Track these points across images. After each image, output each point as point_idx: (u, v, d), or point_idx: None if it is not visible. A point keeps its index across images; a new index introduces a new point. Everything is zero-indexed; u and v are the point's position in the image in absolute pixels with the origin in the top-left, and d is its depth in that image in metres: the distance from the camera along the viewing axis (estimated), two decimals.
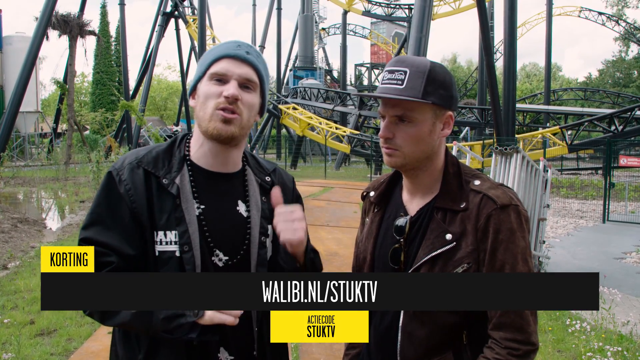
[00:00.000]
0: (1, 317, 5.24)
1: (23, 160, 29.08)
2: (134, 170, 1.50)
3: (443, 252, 1.44)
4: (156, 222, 1.48)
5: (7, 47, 29.74)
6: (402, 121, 1.46)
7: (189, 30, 32.95)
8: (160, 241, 1.48)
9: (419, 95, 1.42)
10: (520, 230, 1.42)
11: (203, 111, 1.52)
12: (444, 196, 1.50)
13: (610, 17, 46.34)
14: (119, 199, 1.48)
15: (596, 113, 27.72)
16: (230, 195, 1.61)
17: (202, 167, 1.58)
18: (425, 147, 1.48)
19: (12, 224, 10.76)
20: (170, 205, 1.49)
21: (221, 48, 1.55)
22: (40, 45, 20.20)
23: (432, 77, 1.43)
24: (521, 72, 71.97)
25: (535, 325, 1.41)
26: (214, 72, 1.51)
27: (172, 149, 1.59)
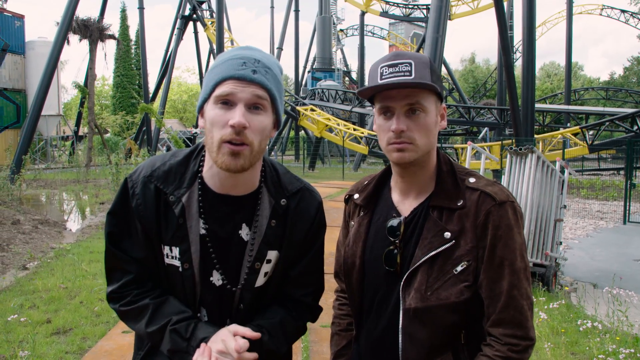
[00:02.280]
0: (18, 315, 5.34)
1: (45, 163, 29.51)
2: (146, 185, 1.51)
3: (442, 251, 1.43)
4: (162, 237, 1.51)
5: (30, 52, 30.19)
6: (414, 112, 1.46)
7: (207, 33, 33.18)
8: (167, 255, 1.52)
9: (428, 82, 1.43)
10: (517, 227, 1.43)
11: (210, 139, 1.42)
12: (440, 194, 1.49)
13: (634, 15, 45.59)
14: (130, 212, 1.53)
15: (618, 113, 27.26)
16: (235, 219, 1.54)
17: (210, 188, 1.53)
18: (433, 139, 1.50)
19: (33, 225, 10.95)
20: (175, 222, 1.50)
21: (225, 66, 1.42)
22: (61, 49, 20.49)
23: (433, 69, 1.47)
24: (541, 71, 71.16)
25: (532, 320, 1.43)
26: (218, 94, 1.39)
27: (188, 162, 1.55)
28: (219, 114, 1.39)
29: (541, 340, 4.99)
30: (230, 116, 1.37)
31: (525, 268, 1.43)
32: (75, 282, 6.69)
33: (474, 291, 1.44)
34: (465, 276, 1.42)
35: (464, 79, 67.64)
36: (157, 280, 1.57)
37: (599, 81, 66.59)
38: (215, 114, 1.40)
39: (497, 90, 35.74)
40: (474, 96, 54.35)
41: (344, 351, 1.78)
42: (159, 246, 1.52)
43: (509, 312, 1.39)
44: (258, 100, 1.40)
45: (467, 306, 1.44)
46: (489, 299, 1.42)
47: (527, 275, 1.43)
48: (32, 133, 19.79)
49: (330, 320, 1.86)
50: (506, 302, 1.39)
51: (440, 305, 1.42)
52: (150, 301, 1.52)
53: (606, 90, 45.27)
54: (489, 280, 1.41)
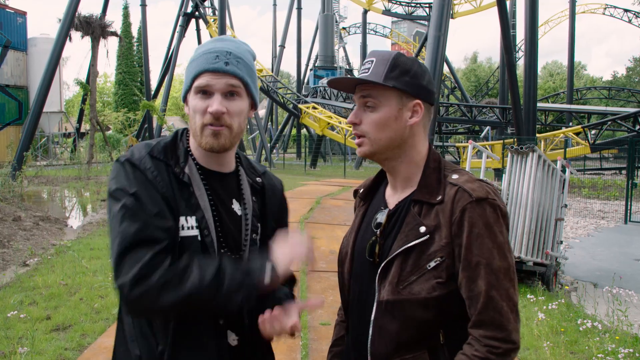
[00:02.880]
0: (18, 312, 5.35)
1: (47, 160, 29.57)
2: (153, 160, 1.53)
3: (417, 245, 1.43)
4: (178, 209, 1.51)
5: (32, 48, 30.21)
6: (368, 107, 1.51)
7: (209, 30, 33.16)
8: (182, 226, 1.51)
9: (380, 80, 1.47)
10: (497, 225, 1.40)
11: (194, 125, 1.57)
12: (422, 189, 1.50)
13: (637, 14, 45.47)
14: (149, 184, 1.48)
15: (620, 112, 27.24)
16: (227, 194, 1.65)
17: (200, 165, 1.62)
18: (392, 134, 1.50)
19: (34, 221, 10.96)
20: (186, 192, 1.54)
21: (201, 60, 1.57)
22: (63, 46, 20.51)
23: (395, 64, 1.48)
24: (543, 70, 71.06)
25: (516, 323, 1.39)
26: (196, 85, 1.55)
27: (176, 141, 1.63)
28: (200, 102, 1.55)
29: (540, 339, 4.99)
30: (209, 103, 1.54)
31: (508, 268, 1.39)
32: (76, 279, 6.70)
33: (451, 290, 1.42)
34: (438, 272, 1.41)
35: (466, 78, 67.57)
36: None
37: (602, 81, 66.47)
38: (197, 103, 1.56)
39: (499, 89, 35.73)
40: (476, 95, 54.29)
41: (341, 341, 1.80)
42: (176, 218, 1.51)
43: (488, 313, 1.36)
44: (232, 88, 1.56)
45: (440, 304, 1.41)
46: (468, 300, 1.40)
47: (510, 275, 1.40)
48: (33, 130, 19.82)
49: (329, 318, 1.88)
50: (485, 304, 1.37)
51: (411, 299, 1.41)
52: (188, 259, 1.44)
53: (608, 89, 45.20)
54: (466, 280, 1.39)
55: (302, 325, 5.23)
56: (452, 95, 45.98)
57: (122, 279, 1.38)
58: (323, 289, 6.44)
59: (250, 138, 45.20)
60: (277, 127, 45.82)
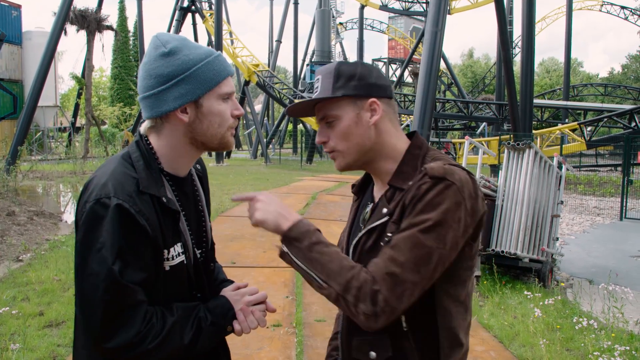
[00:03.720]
0: (10, 308, 5.30)
1: (42, 154, 29.44)
2: (141, 197, 1.43)
3: (378, 226, 1.44)
4: (166, 241, 1.48)
5: (27, 42, 30.02)
6: (329, 123, 1.51)
7: (205, 25, 33.08)
8: (172, 257, 1.51)
9: (329, 93, 1.47)
10: (446, 209, 1.31)
11: (215, 130, 1.55)
12: (396, 175, 1.48)
13: (634, 11, 45.51)
14: (139, 232, 1.40)
15: (616, 109, 27.28)
16: (192, 195, 1.68)
17: (174, 175, 1.59)
18: (358, 139, 1.49)
19: (29, 216, 10.89)
20: (172, 221, 1.51)
21: (219, 65, 1.55)
22: (58, 40, 20.38)
23: (338, 74, 1.48)
24: (540, 67, 71.12)
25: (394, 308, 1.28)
26: (226, 92, 1.55)
27: (147, 162, 1.53)
28: (227, 107, 1.57)
29: (536, 336, 4.98)
30: (233, 107, 1.59)
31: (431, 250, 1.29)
32: (69, 275, 6.65)
33: None
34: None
35: (462, 74, 67.57)
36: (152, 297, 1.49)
37: (598, 78, 66.57)
38: (225, 108, 1.56)
39: (496, 85, 35.71)
40: (473, 91, 54.30)
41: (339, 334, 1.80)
42: (161, 255, 1.48)
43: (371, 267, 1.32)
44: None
45: None
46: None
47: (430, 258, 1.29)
48: (28, 124, 19.72)
49: (324, 315, 1.87)
50: (377, 259, 1.32)
51: None
52: (172, 318, 1.48)
53: (605, 86, 45.26)
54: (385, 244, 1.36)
55: (297, 321, 5.22)
56: (449, 91, 45.98)
57: (112, 343, 1.37)
58: None
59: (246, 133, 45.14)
60: (273, 123, 45.74)
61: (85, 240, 1.39)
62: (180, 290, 1.56)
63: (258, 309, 1.63)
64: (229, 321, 1.58)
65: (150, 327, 1.41)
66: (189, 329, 1.49)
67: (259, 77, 30.54)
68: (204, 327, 1.52)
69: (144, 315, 1.41)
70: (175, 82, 1.48)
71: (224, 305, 1.60)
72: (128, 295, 1.37)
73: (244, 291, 1.67)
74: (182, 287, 1.56)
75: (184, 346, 1.47)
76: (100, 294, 1.35)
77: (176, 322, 1.48)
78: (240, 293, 1.66)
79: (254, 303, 1.64)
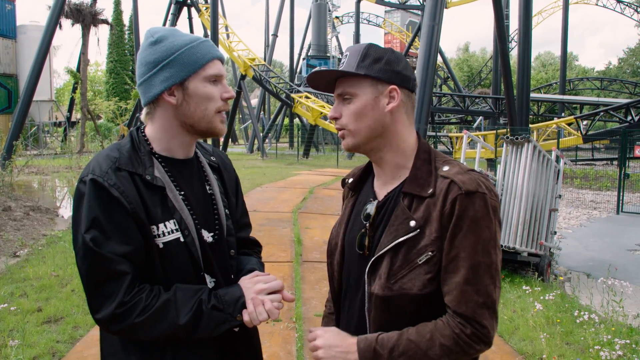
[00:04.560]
0: (8, 304, 5.27)
1: (37, 149, 29.30)
2: (118, 173, 1.50)
3: (407, 240, 1.41)
4: (153, 217, 1.51)
5: (22, 36, 29.85)
6: (345, 99, 1.51)
7: (201, 18, 32.90)
8: (163, 233, 1.52)
9: (352, 69, 1.47)
10: (485, 220, 1.37)
11: (201, 112, 1.58)
12: (412, 182, 1.46)
13: (629, 5, 45.51)
14: (114, 203, 1.46)
15: (612, 103, 27.33)
16: (196, 177, 1.69)
17: (168, 157, 1.63)
18: (371, 122, 1.48)
19: (25, 212, 10.85)
20: (159, 198, 1.55)
21: (205, 48, 1.60)
22: (53, 34, 20.25)
23: (366, 53, 1.48)
24: (536, 61, 71.11)
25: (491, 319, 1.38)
26: (212, 74, 1.58)
27: (135, 146, 1.60)
28: (214, 89, 1.59)
29: (536, 330, 4.99)
30: (223, 90, 1.61)
31: (490, 265, 1.37)
32: (67, 270, 6.62)
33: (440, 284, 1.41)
34: (429, 267, 1.38)
35: (459, 68, 67.51)
36: (150, 276, 1.53)
37: (594, 71, 66.64)
38: (211, 90, 1.59)
39: (492, 79, 35.72)
40: (469, 85, 54.27)
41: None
42: (149, 230, 1.51)
43: (461, 307, 1.35)
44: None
45: (432, 300, 1.40)
46: (446, 294, 1.38)
47: (490, 272, 1.37)
48: (23, 118, 19.61)
49: (323, 309, 1.85)
50: (459, 297, 1.35)
51: (402, 295, 1.39)
52: (166, 295, 1.50)
53: (601, 80, 45.30)
54: (444, 271, 1.37)
55: (297, 316, 5.21)
56: (445, 85, 45.94)
57: (99, 314, 1.44)
58: (317, 280, 6.41)
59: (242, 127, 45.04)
60: (269, 117, 45.64)
61: (73, 217, 1.49)
62: (182, 270, 1.57)
63: (270, 299, 1.57)
64: (238, 310, 1.55)
65: (137, 300, 1.44)
66: (187, 310, 1.48)
67: (255, 71, 30.44)
68: (204, 310, 1.50)
69: (128, 286, 1.44)
70: (161, 67, 1.56)
71: (234, 293, 1.57)
72: (108, 265, 1.42)
73: (257, 279, 1.63)
74: (184, 266, 1.57)
75: (180, 326, 1.46)
76: (81, 264, 1.45)
77: (170, 300, 1.48)
78: (254, 281, 1.62)
79: (268, 292, 1.59)
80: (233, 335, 1.64)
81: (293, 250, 7.72)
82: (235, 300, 1.55)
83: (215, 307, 1.52)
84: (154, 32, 1.60)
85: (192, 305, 1.49)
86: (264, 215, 10.29)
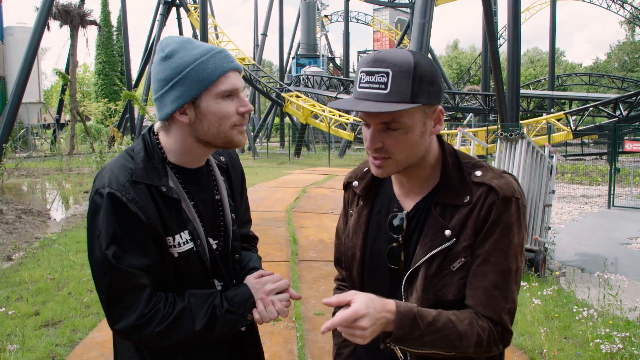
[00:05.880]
0: (6, 308, 5.22)
1: (26, 152, 29.06)
2: (135, 187, 1.49)
3: (443, 250, 1.36)
4: (169, 229, 1.53)
5: (9, 37, 29.61)
6: (390, 128, 1.33)
7: (190, 19, 32.82)
8: (178, 244, 1.54)
9: (407, 99, 1.27)
10: (517, 225, 1.36)
11: (215, 129, 1.53)
12: (445, 191, 1.41)
13: (615, 1, 45.85)
14: (132, 218, 1.46)
15: (601, 98, 27.50)
16: (206, 185, 1.68)
17: (182, 167, 1.61)
18: (418, 150, 1.38)
19: (16, 215, 10.76)
20: (174, 209, 1.55)
21: (218, 61, 1.51)
22: (41, 35, 20.09)
23: (418, 75, 1.28)
24: (524, 57, 71.48)
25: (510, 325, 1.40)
26: (224, 89, 1.51)
27: (149, 154, 1.58)
28: (229, 105, 1.53)
29: (534, 325, 5.02)
30: (239, 104, 1.55)
31: (516, 271, 1.36)
32: (63, 273, 6.58)
33: None
34: (462, 272, 1.36)
35: (448, 65, 67.74)
36: (164, 284, 1.56)
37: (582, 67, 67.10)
38: (226, 107, 1.53)
39: (482, 76, 35.87)
40: (458, 82, 54.47)
41: (348, 342, 1.70)
42: (164, 241, 1.52)
43: (487, 311, 1.34)
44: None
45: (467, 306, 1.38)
46: (471, 292, 1.36)
47: (516, 278, 1.36)
48: (12, 121, 19.46)
49: (322, 308, 1.84)
50: (486, 301, 1.33)
51: (437, 303, 1.36)
52: (182, 303, 1.52)
53: (589, 76, 45.61)
54: (473, 273, 1.35)
55: (296, 315, 5.20)
56: None
57: (119, 325, 1.47)
58: (315, 279, 6.40)
59: None
60: (260, 116, 45.55)
61: (89, 229, 1.48)
62: (194, 277, 1.60)
63: (278, 298, 1.61)
64: (248, 310, 1.58)
65: (156, 310, 1.47)
66: (202, 316, 1.51)
67: (245, 70, 30.38)
68: (218, 314, 1.53)
69: (147, 299, 1.47)
70: (171, 86, 1.50)
71: (243, 294, 1.60)
72: (128, 279, 1.45)
73: (265, 279, 1.65)
74: (196, 274, 1.60)
75: (196, 332, 1.50)
76: (101, 278, 1.46)
77: (186, 308, 1.51)
78: (262, 282, 1.64)
79: (276, 292, 1.62)
80: (240, 334, 1.67)
81: (289, 250, 7.72)
82: (245, 301, 1.58)
83: (229, 311, 1.56)
84: (165, 45, 1.53)
85: (207, 310, 1.53)
86: (258, 215, 10.28)
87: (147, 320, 1.46)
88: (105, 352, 4.33)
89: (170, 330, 1.48)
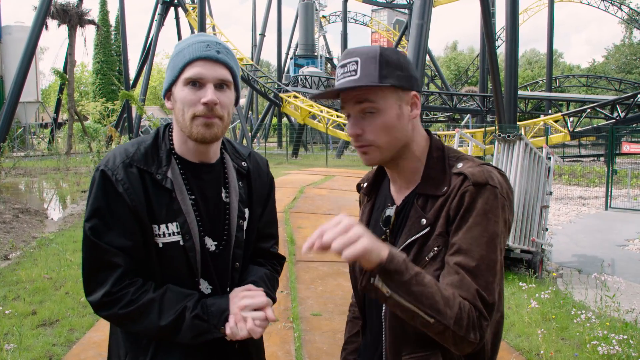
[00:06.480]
0: (3, 308, 5.21)
1: (24, 151, 29.00)
2: (128, 169, 1.54)
3: (418, 238, 1.37)
4: (156, 216, 1.55)
5: (7, 37, 29.56)
6: (367, 113, 1.39)
7: (188, 18, 32.77)
8: (163, 234, 1.55)
9: (375, 80, 1.35)
10: (494, 214, 1.31)
11: (182, 117, 1.55)
12: (426, 182, 1.43)
13: (613, 3, 45.94)
14: (118, 197, 1.51)
15: (599, 100, 27.56)
16: (214, 184, 1.67)
17: (187, 160, 1.63)
18: (399, 134, 1.41)
19: (14, 214, 10.75)
20: (167, 198, 1.56)
21: (191, 49, 1.54)
22: (39, 35, 20.08)
23: (384, 60, 1.37)
24: (522, 58, 71.58)
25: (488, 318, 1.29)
26: (188, 77, 1.53)
27: (157, 142, 1.63)
28: (190, 94, 1.53)
29: (532, 326, 5.03)
30: (202, 95, 1.52)
31: (494, 261, 1.29)
32: (60, 273, 6.57)
33: None
34: (437, 263, 1.34)
35: (446, 66, 67.80)
36: (148, 272, 1.57)
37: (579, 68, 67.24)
38: (186, 94, 1.53)
39: (480, 77, 35.89)
40: (456, 83, 54.55)
41: (355, 338, 1.75)
42: (150, 228, 1.54)
43: (462, 292, 1.27)
44: (222, 81, 1.55)
45: None
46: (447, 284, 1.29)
47: (493, 269, 1.29)
48: (10, 120, 19.45)
49: (319, 309, 1.85)
50: (459, 284, 1.27)
51: None
52: (153, 294, 1.53)
53: (587, 77, 45.70)
54: (447, 262, 1.32)
55: (293, 316, 5.20)
56: (433, 84, 46.11)
57: (90, 297, 1.53)
58: (312, 279, 6.41)
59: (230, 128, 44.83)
60: (257, 117, 45.55)
61: (86, 202, 1.56)
62: (178, 273, 1.59)
63: (252, 316, 1.53)
64: (222, 322, 1.53)
65: (124, 293, 1.50)
66: (171, 313, 1.51)
67: (243, 71, 30.34)
68: (186, 317, 1.52)
69: (118, 278, 1.50)
70: (166, 73, 1.61)
71: (220, 305, 1.56)
72: (103, 255, 1.50)
73: (245, 294, 1.58)
74: (179, 269, 1.59)
75: (161, 327, 1.50)
76: (84, 250, 1.54)
77: (155, 299, 1.51)
78: (240, 296, 1.58)
79: (252, 308, 1.55)
80: (227, 345, 1.61)
81: (286, 250, 7.71)
82: (221, 313, 1.54)
83: (198, 317, 1.52)
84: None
85: (177, 309, 1.52)
86: None
87: (113, 300, 1.49)
88: (102, 351, 4.32)
89: (134, 316, 1.50)
